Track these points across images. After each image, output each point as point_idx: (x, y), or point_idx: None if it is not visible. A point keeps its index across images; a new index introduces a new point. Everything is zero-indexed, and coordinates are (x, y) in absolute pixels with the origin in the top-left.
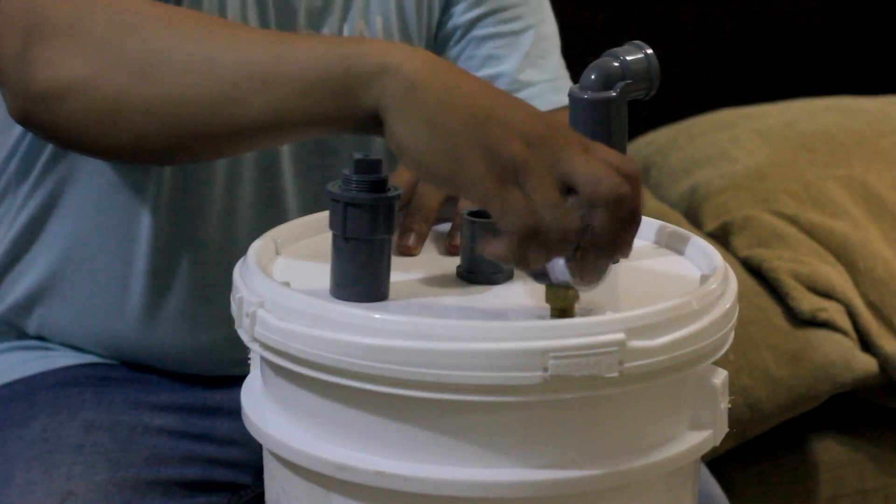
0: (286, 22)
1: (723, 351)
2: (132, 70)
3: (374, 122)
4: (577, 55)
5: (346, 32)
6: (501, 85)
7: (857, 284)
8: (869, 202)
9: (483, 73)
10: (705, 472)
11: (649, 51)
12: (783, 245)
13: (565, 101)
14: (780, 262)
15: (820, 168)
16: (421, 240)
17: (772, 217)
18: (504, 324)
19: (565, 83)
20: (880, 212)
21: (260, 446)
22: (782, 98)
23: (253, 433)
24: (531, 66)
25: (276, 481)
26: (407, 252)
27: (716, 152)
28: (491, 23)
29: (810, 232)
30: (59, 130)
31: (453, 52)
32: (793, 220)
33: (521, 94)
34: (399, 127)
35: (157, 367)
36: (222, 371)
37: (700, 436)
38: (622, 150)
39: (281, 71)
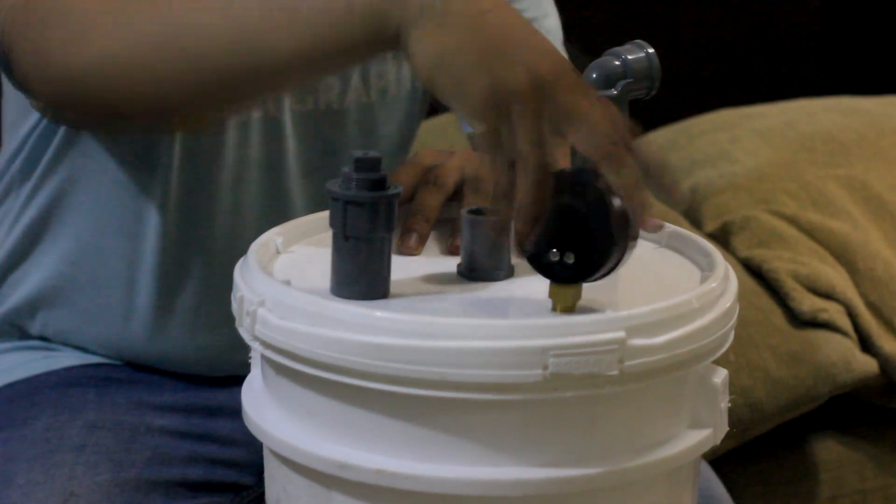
0: None
1: (723, 350)
2: (151, 33)
3: (395, 44)
4: (577, 56)
5: None
6: None
7: (857, 285)
8: (869, 202)
9: None
10: (709, 472)
11: (650, 50)
12: (783, 245)
13: None
14: (780, 263)
15: (820, 168)
16: (422, 240)
17: (772, 217)
18: (504, 322)
19: None
20: (880, 212)
21: (262, 446)
22: (782, 98)
23: (253, 432)
24: None
25: (276, 480)
26: (408, 252)
27: (716, 152)
28: None
29: (810, 232)
30: (89, 112)
31: None
32: (793, 221)
33: None
34: (414, 40)
35: (161, 369)
36: (225, 372)
37: (700, 435)
38: None
39: (304, 4)
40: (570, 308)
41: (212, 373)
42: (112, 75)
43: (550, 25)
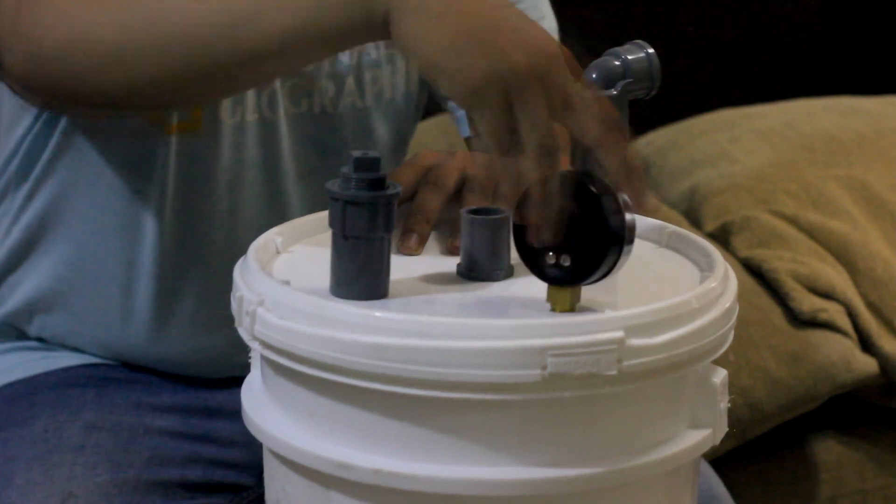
0: None
1: (722, 350)
2: (135, 10)
3: (384, 30)
4: (576, 55)
5: None
6: None
7: (856, 285)
8: (869, 202)
9: None
10: (709, 471)
11: (650, 50)
12: (783, 245)
13: None
14: (780, 263)
15: (820, 168)
16: (422, 240)
17: (772, 217)
18: (503, 322)
19: None
20: (880, 212)
21: (261, 447)
22: (782, 98)
23: (253, 432)
24: None
25: (275, 480)
26: (408, 252)
27: (716, 152)
28: None
29: (810, 232)
30: (68, 86)
31: None
32: (792, 221)
33: None
34: (407, 24)
35: (160, 370)
36: (224, 373)
37: (699, 435)
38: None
39: None
40: (569, 309)
41: (211, 374)
42: (90, 56)
43: (547, 28)
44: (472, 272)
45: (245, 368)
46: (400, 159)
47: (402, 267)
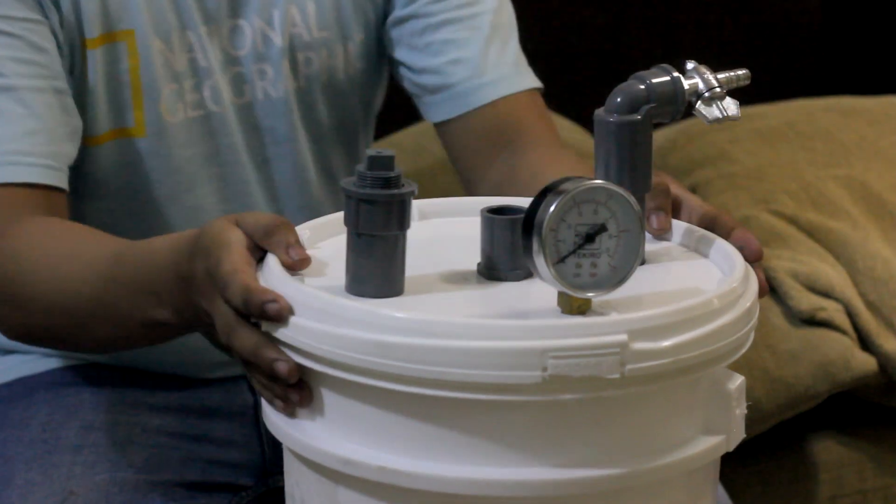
0: (209, 12)
1: (738, 354)
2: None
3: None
4: (577, 55)
5: (276, 19)
6: (463, 69)
7: (856, 284)
8: (868, 202)
9: (444, 58)
10: None
11: (676, 74)
12: (782, 245)
13: (529, 84)
14: (779, 262)
15: (819, 168)
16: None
17: (771, 217)
18: (504, 322)
19: (526, 68)
20: (880, 212)
21: (259, 447)
22: (782, 98)
23: (270, 428)
24: (494, 51)
25: (291, 474)
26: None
27: (715, 152)
28: (447, 7)
29: (810, 232)
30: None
31: (415, 40)
32: (792, 220)
33: (484, 78)
34: None
35: (157, 370)
36: (220, 374)
37: (712, 441)
38: (647, 171)
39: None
40: (579, 311)
41: (207, 374)
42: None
43: (504, 20)
44: (491, 272)
45: (237, 367)
46: (349, 143)
47: (424, 264)
